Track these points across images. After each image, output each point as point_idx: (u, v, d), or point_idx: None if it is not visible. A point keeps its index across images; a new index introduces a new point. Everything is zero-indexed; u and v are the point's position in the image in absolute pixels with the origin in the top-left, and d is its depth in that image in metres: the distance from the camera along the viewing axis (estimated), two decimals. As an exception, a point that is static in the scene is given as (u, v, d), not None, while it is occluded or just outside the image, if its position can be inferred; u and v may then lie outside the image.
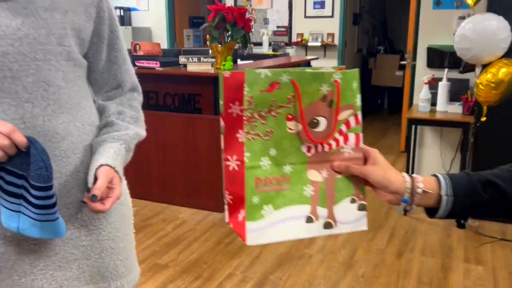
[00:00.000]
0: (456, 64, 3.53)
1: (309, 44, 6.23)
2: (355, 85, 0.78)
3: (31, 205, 0.88)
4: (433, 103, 3.63)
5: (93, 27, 1.04)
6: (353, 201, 0.81)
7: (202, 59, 3.37)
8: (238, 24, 3.21)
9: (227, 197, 0.77)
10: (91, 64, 1.07)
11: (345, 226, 0.80)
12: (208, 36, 3.36)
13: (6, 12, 0.90)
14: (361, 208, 0.82)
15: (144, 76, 3.60)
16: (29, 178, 0.87)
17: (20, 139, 0.84)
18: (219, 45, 3.39)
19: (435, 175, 0.81)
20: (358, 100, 0.80)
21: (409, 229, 3.25)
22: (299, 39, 6.33)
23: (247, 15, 3.26)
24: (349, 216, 0.80)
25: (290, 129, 0.75)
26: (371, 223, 3.10)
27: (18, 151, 0.85)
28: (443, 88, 3.56)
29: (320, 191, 0.78)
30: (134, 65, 3.42)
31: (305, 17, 6.27)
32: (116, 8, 7.03)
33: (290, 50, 6.43)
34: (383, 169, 0.79)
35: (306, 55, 6.32)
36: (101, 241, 1.08)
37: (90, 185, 0.97)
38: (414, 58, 5.05)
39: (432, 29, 3.94)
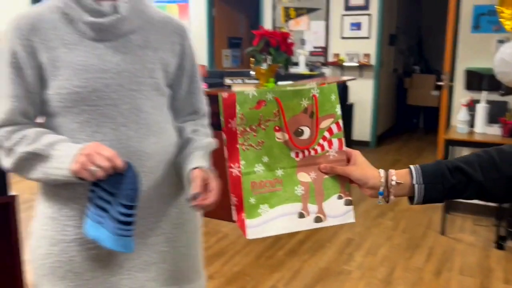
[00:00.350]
0: (495, 86, 3.59)
1: (345, 64, 6.36)
2: (334, 97, 0.93)
3: (114, 220, 1.02)
4: (471, 124, 3.68)
5: (178, 62, 1.22)
6: (339, 197, 0.94)
7: (246, 80, 3.55)
8: (281, 48, 3.39)
9: (233, 199, 0.92)
10: (174, 93, 1.25)
11: (334, 219, 0.94)
12: (252, 59, 3.54)
13: (109, 50, 1.09)
14: (347, 203, 0.95)
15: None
16: (119, 196, 1.01)
17: (120, 163, 1.00)
18: (262, 67, 3.57)
19: (408, 167, 0.94)
20: (338, 110, 0.94)
21: (447, 249, 3.29)
22: (335, 59, 6.46)
23: (289, 40, 3.42)
24: (337, 210, 0.94)
25: (278, 138, 0.89)
26: (408, 242, 3.19)
27: (114, 172, 1.01)
28: (481, 110, 3.61)
29: (310, 190, 0.92)
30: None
31: (342, 38, 6.42)
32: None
33: (326, 70, 6.57)
34: (362, 167, 0.93)
35: (342, 75, 6.44)
36: (176, 248, 1.24)
37: (187, 188, 1.15)
38: (451, 79, 5.10)
39: (470, 52, 4.01)
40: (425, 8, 8.66)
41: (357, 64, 6.30)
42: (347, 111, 5.83)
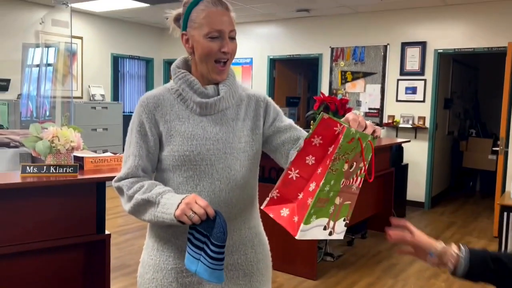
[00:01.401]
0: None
1: (400, 125, 6.56)
2: (372, 146, 1.19)
3: (208, 257, 1.27)
4: (526, 191, 3.74)
5: (264, 120, 1.50)
6: (344, 220, 1.21)
7: (305, 140, 3.86)
8: (340, 112, 3.69)
9: (274, 193, 1.18)
10: (277, 135, 1.48)
11: (336, 235, 1.20)
12: (312, 121, 3.86)
13: (210, 122, 1.42)
14: (346, 225, 1.23)
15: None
16: (211, 237, 1.27)
17: (211, 211, 1.27)
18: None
19: (459, 245, 1.21)
20: (369, 157, 1.19)
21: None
22: (390, 121, 6.68)
23: (347, 105, 3.73)
24: (340, 229, 1.21)
25: (344, 168, 1.14)
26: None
27: (207, 218, 1.27)
28: (536, 177, 3.68)
29: (335, 210, 1.17)
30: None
31: (397, 100, 6.66)
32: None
33: (381, 131, 6.78)
34: (424, 235, 1.24)
35: (396, 136, 6.63)
36: (252, 282, 1.50)
37: None
38: (507, 144, 5.17)
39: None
40: (481, 73, 8.77)
41: (411, 126, 6.48)
42: (402, 171, 5.95)
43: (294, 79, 8.48)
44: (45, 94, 6.48)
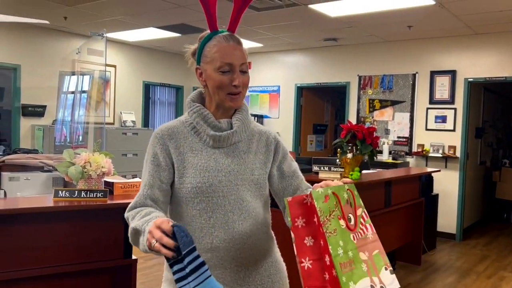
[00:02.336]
0: None
1: (430, 155, 6.44)
2: (356, 192, 1.17)
3: (189, 277, 1.11)
4: None
5: (273, 157, 1.53)
6: (385, 268, 1.16)
7: (332, 168, 3.85)
8: (367, 141, 3.67)
9: None
10: (281, 174, 1.52)
11: (389, 287, 1.14)
12: (339, 149, 3.85)
13: (222, 155, 1.44)
14: (391, 272, 1.17)
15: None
16: (181, 250, 1.11)
17: (166, 227, 1.16)
18: (348, 157, 3.85)
19: None
20: (361, 202, 1.17)
21: None
22: (419, 150, 6.58)
23: (375, 134, 3.71)
24: (388, 279, 1.15)
25: (342, 225, 1.11)
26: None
27: (174, 242, 1.13)
28: None
29: (369, 266, 1.13)
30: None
31: (426, 129, 6.57)
32: (251, 115, 8.02)
33: (410, 160, 6.68)
34: None
35: (426, 165, 6.51)
36: None
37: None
38: (542, 176, 5.00)
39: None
40: (514, 102, 8.59)
41: (442, 155, 6.36)
42: (432, 201, 5.82)
43: (321, 106, 8.50)
44: (78, 120, 6.70)
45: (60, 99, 6.92)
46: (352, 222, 1.13)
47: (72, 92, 6.89)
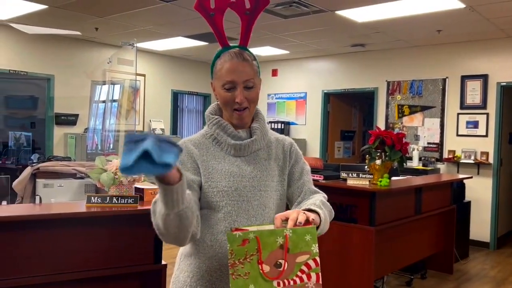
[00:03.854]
0: None
1: (462, 161, 6.30)
2: (309, 237, 1.09)
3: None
4: None
5: (290, 163, 1.56)
6: None
7: (361, 175, 3.80)
8: (396, 147, 3.62)
9: None
10: (290, 182, 1.55)
11: None
12: (367, 156, 3.81)
13: (244, 163, 1.48)
14: None
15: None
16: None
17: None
18: (377, 164, 3.81)
19: None
20: (314, 249, 1.09)
21: None
22: (450, 156, 6.44)
23: (405, 140, 3.65)
24: None
25: (261, 270, 1.07)
26: None
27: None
28: None
29: None
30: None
31: (457, 135, 6.43)
32: (277, 122, 8.04)
33: (441, 166, 6.55)
34: None
35: (458, 171, 6.36)
36: None
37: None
38: None
39: None
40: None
41: (474, 162, 6.20)
42: (463, 209, 5.68)
43: (349, 112, 8.43)
44: (109, 128, 6.85)
45: (91, 108, 7.10)
46: (281, 268, 1.09)
47: (103, 101, 7.07)
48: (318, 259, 1.10)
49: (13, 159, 6.77)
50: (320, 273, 1.10)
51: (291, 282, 1.09)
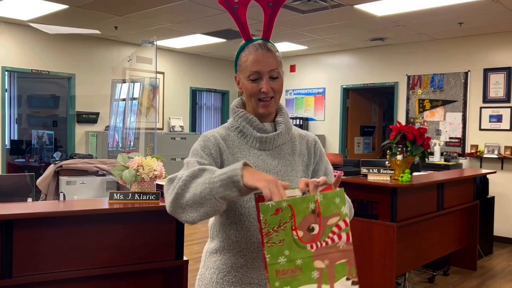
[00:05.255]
0: None
1: (485, 156, 6.18)
2: (338, 200, 1.14)
3: None
4: None
5: (315, 160, 1.55)
6: (347, 279, 1.14)
7: (382, 170, 3.76)
8: (418, 142, 3.57)
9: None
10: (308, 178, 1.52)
11: None
12: (388, 151, 3.76)
13: (268, 156, 1.47)
14: (354, 283, 1.15)
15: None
16: None
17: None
18: (398, 159, 3.76)
19: None
20: (343, 210, 1.14)
21: None
22: (473, 151, 6.32)
23: (426, 135, 3.60)
24: None
25: (297, 235, 1.11)
26: None
27: None
28: None
29: (324, 274, 1.12)
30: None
31: (480, 129, 6.31)
32: (296, 118, 8.01)
33: (464, 161, 6.43)
34: None
35: (480, 166, 6.24)
36: None
37: None
38: None
39: None
40: None
41: (497, 156, 6.08)
42: (487, 205, 5.57)
43: (369, 108, 8.35)
44: (130, 126, 6.93)
45: (112, 106, 7.19)
46: (315, 231, 1.13)
47: (123, 99, 7.14)
48: (348, 219, 1.15)
49: (36, 157, 6.91)
50: (350, 233, 1.15)
51: (323, 244, 1.13)
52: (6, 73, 6.54)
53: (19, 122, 8.72)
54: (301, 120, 7.98)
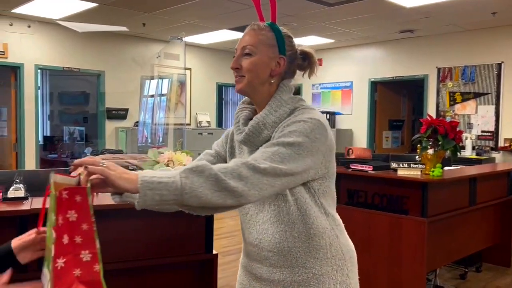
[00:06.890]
0: None
1: (519, 150, 6.00)
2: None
3: None
4: None
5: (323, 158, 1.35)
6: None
7: (412, 165, 3.70)
8: (449, 135, 3.49)
9: None
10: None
11: None
12: (419, 145, 3.69)
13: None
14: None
15: (356, 177, 4.02)
16: None
17: None
18: (429, 153, 3.68)
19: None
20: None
21: None
22: (507, 144, 6.15)
23: (458, 128, 3.52)
24: None
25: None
26: None
27: None
28: None
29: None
30: (348, 167, 3.93)
31: (514, 122, 6.13)
32: (322, 113, 7.95)
33: (496, 155, 6.26)
34: None
35: (515, 161, 6.07)
36: None
37: None
38: None
39: None
40: None
41: (533, 150, 5.90)
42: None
43: (398, 101, 8.21)
44: (159, 121, 7.02)
45: (141, 102, 7.30)
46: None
47: (152, 96, 7.24)
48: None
49: (68, 153, 7.09)
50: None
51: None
52: (38, 71, 6.71)
53: (51, 118, 8.96)
54: (328, 115, 7.91)
